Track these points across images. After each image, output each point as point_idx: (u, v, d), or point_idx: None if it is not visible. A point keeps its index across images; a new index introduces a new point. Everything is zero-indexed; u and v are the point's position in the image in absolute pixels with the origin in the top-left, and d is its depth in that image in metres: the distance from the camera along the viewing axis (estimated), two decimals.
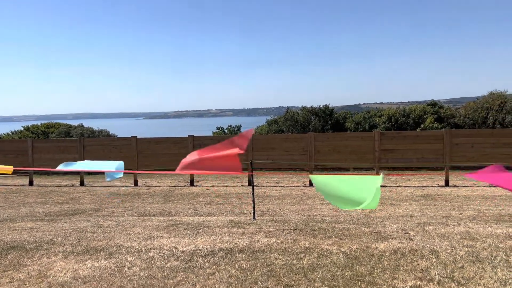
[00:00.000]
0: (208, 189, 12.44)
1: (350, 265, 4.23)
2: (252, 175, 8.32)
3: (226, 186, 13.07)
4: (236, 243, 5.16)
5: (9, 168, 4.52)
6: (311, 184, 12.89)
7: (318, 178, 4.37)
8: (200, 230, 5.99)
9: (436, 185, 12.30)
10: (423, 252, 4.61)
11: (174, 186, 13.54)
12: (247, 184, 13.06)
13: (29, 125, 29.19)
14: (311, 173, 13.19)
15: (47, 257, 4.77)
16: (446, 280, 3.78)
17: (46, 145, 15.34)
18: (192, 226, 6.34)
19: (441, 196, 10.21)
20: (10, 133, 28.26)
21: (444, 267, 4.10)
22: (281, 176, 15.69)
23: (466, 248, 4.71)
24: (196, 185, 13.50)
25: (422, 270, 4.04)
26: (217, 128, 31.65)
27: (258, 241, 5.24)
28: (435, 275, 3.90)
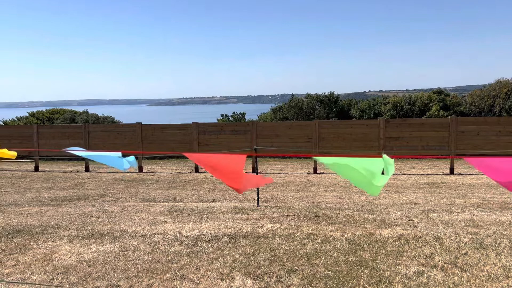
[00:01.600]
0: (212, 176, 12.47)
1: (353, 251, 4.24)
2: (256, 162, 8.32)
3: None
4: (240, 229, 5.18)
5: (12, 154, 4.53)
6: (315, 172, 12.88)
7: (323, 159, 4.35)
8: (204, 216, 6.01)
9: (441, 173, 12.25)
10: (427, 238, 4.60)
11: (179, 172, 13.58)
12: (251, 171, 13.07)
13: (35, 111, 29.26)
14: (315, 161, 13.17)
15: (53, 241, 4.81)
16: (449, 266, 3.78)
17: (51, 131, 15.39)
18: (196, 211, 6.37)
19: (446, 184, 10.17)
20: (16, 119, 28.38)
21: (447, 254, 4.10)
22: (285, 163, 15.68)
23: (470, 235, 4.70)
24: (201, 172, 13.53)
25: (426, 256, 4.04)
26: (222, 115, 31.59)
27: (261, 226, 5.26)
28: (439, 261, 3.90)
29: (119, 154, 4.35)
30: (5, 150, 3.98)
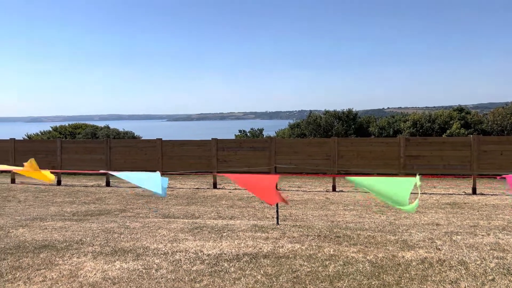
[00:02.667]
0: (230, 192, 12.50)
1: (376, 274, 4.20)
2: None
3: None
4: (260, 248, 5.18)
5: (51, 178, 4.84)
6: (334, 189, 12.80)
7: (354, 178, 4.58)
8: (224, 234, 6.04)
9: (463, 193, 12.03)
10: (451, 262, 4.53)
11: (197, 188, 13.67)
12: None
13: (57, 126, 29.97)
14: (333, 179, 13.11)
15: (77, 257, 4.90)
16: None
17: (74, 146, 15.75)
18: (216, 229, 6.40)
19: (468, 204, 9.98)
20: (39, 133, 29.10)
21: (474, 279, 4.02)
22: (304, 180, 15.62)
23: (497, 260, 4.61)
24: (219, 188, 13.59)
25: (451, 281, 3.97)
26: (240, 131, 31.74)
27: (282, 246, 5.25)
28: (465, 287, 3.83)
29: (158, 179, 4.53)
30: (47, 173, 4.15)
